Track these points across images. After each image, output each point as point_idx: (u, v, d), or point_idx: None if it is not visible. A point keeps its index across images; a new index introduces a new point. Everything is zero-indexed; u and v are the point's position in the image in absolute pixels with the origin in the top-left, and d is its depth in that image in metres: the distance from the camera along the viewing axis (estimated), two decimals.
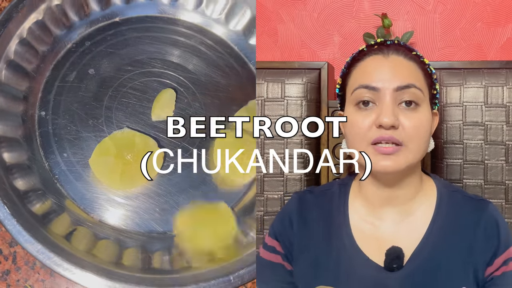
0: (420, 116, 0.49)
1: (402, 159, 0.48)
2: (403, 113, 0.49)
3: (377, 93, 0.49)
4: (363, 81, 0.50)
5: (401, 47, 0.52)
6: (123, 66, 0.76)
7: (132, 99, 0.74)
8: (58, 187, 0.68)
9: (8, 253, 0.67)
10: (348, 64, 0.54)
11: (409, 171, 0.51)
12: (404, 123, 0.48)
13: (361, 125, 0.49)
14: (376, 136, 0.48)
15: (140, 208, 0.68)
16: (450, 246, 0.51)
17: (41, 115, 0.72)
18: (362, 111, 0.50)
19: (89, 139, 0.71)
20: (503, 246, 0.50)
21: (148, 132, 0.72)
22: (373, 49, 0.52)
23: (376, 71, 0.50)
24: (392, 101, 0.49)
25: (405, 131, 0.48)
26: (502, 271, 0.50)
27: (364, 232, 0.52)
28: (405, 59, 0.51)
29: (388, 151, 0.48)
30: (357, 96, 0.50)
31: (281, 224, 0.55)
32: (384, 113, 0.48)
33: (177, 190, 0.70)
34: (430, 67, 0.53)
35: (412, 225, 0.52)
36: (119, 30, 0.78)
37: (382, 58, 0.51)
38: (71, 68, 0.75)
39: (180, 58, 0.77)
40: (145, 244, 0.66)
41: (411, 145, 0.49)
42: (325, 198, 0.55)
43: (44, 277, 0.66)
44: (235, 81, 0.77)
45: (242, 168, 0.70)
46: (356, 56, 0.53)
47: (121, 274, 0.59)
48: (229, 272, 0.59)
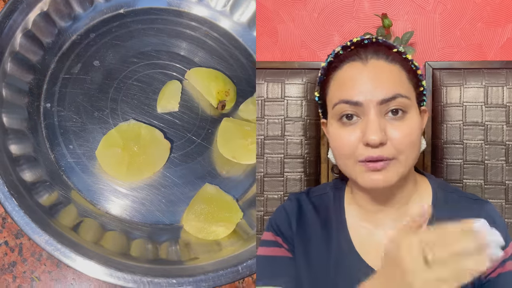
0: (408, 124, 0.46)
1: (393, 173, 0.45)
2: (390, 124, 0.46)
3: (360, 107, 0.46)
4: (343, 96, 0.47)
5: (380, 47, 0.48)
6: (128, 58, 0.75)
7: (137, 91, 0.74)
8: (64, 178, 0.68)
9: (14, 244, 0.67)
10: (324, 70, 0.50)
11: (401, 178, 0.48)
12: (392, 135, 0.45)
13: (347, 142, 0.46)
14: (363, 156, 0.45)
15: (146, 199, 0.69)
16: None
17: (46, 107, 0.72)
18: (346, 126, 0.47)
19: (95, 131, 0.71)
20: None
21: (153, 124, 0.72)
22: (349, 52, 0.48)
23: (356, 83, 0.46)
24: (377, 115, 0.45)
25: (394, 144, 0.45)
26: (498, 272, 0.48)
27: (362, 237, 0.51)
28: (386, 62, 0.47)
29: (377, 167, 0.45)
30: (339, 111, 0.47)
31: (281, 222, 0.53)
32: (370, 131, 0.45)
33: (183, 181, 0.70)
34: (414, 63, 0.49)
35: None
36: (124, 22, 0.78)
37: (361, 66, 0.47)
38: (76, 60, 0.75)
39: (186, 51, 0.77)
40: (152, 235, 0.66)
41: (402, 157, 0.46)
42: (322, 203, 0.53)
43: (51, 268, 0.66)
44: (241, 73, 0.77)
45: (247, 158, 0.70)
46: (333, 62, 0.49)
47: (129, 265, 0.59)
48: (238, 263, 0.59)
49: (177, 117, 0.73)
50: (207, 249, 0.64)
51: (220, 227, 0.65)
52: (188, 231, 0.66)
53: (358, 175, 0.46)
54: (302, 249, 0.52)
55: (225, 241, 0.65)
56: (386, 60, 0.47)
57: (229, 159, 0.71)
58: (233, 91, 0.75)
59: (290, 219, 0.53)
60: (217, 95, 0.73)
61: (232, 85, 0.75)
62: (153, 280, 0.58)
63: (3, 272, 0.66)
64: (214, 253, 0.63)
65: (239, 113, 0.74)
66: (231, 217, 0.66)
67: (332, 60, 0.49)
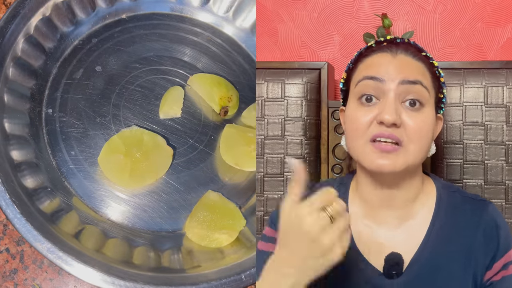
0: (423, 117, 0.47)
1: (401, 160, 0.46)
2: (406, 112, 0.47)
3: (381, 85, 0.47)
4: (368, 73, 0.49)
5: (411, 47, 0.50)
6: (130, 64, 0.75)
7: (139, 96, 0.73)
8: (66, 185, 0.68)
9: (15, 251, 0.66)
10: (354, 60, 0.52)
11: (408, 173, 0.49)
12: (407, 122, 0.47)
13: (362, 121, 0.47)
14: (375, 132, 0.46)
15: (148, 206, 0.68)
16: (449, 249, 0.49)
17: (48, 112, 0.71)
18: (364, 106, 0.48)
19: (97, 137, 0.70)
20: (503, 250, 0.49)
21: (155, 130, 0.71)
22: (381, 46, 0.51)
23: (383, 66, 0.48)
24: (395, 97, 0.47)
25: (406, 131, 0.46)
26: (502, 275, 0.48)
27: (364, 234, 0.51)
28: (414, 59, 0.49)
29: (386, 149, 0.46)
30: (361, 88, 0.48)
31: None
32: (386, 110, 0.46)
33: (185, 188, 0.69)
34: (439, 70, 0.51)
35: (411, 228, 0.50)
36: (126, 27, 0.78)
37: (390, 57, 0.49)
38: (78, 65, 0.74)
39: (188, 56, 0.77)
40: (155, 242, 0.66)
41: (412, 146, 0.47)
42: None
43: (52, 276, 0.65)
44: (243, 79, 0.77)
45: (250, 164, 0.70)
46: (364, 52, 0.51)
47: (131, 273, 0.59)
48: (241, 271, 0.59)
49: (180, 123, 0.73)
50: (209, 257, 0.63)
51: (223, 235, 0.65)
52: (190, 238, 0.66)
53: (367, 157, 0.47)
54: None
55: (228, 248, 0.64)
56: (414, 57, 0.49)
57: (232, 165, 0.70)
58: (236, 97, 0.75)
59: None
60: (220, 101, 0.73)
61: (234, 91, 0.75)
62: None
63: (4, 280, 0.65)
64: (217, 261, 0.62)
65: (241, 119, 0.74)
66: (234, 225, 0.66)
67: (363, 51, 0.51)
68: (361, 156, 0.47)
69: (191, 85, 0.74)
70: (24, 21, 0.69)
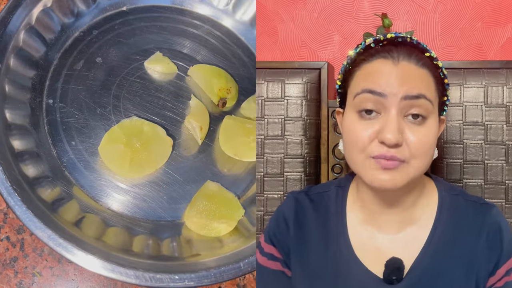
0: (426, 131, 0.45)
1: (403, 176, 0.44)
2: (408, 127, 0.45)
3: (382, 100, 0.44)
4: (368, 85, 0.45)
5: (414, 50, 0.47)
6: (130, 55, 0.76)
7: (139, 88, 0.74)
8: (66, 174, 0.68)
9: (16, 240, 0.67)
10: (351, 60, 0.49)
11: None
12: (409, 139, 0.44)
13: (362, 135, 0.45)
14: (376, 153, 0.44)
15: (148, 196, 0.69)
16: (451, 255, 0.48)
17: (49, 103, 0.72)
18: (363, 120, 0.45)
19: (97, 128, 0.71)
20: (506, 255, 0.48)
21: (155, 121, 0.72)
22: (381, 48, 0.47)
23: (384, 76, 0.45)
24: (398, 113, 0.44)
25: (409, 148, 0.44)
26: (505, 281, 0.47)
27: (363, 240, 0.49)
28: (417, 66, 0.46)
29: (388, 166, 0.44)
30: (360, 102, 0.45)
31: (277, 227, 0.52)
32: (388, 128, 0.44)
33: (185, 178, 0.70)
34: (443, 71, 0.48)
35: (413, 233, 0.49)
36: (127, 20, 0.78)
37: (391, 65, 0.46)
38: (79, 56, 0.75)
39: (188, 49, 0.78)
40: (154, 231, 0.66)
41: (414, 162, 0.45)
42: (322, 202, 0.52)
43: (52, 264, 0.66)
44: (243, 72, 0.78)
45: (248, 155, 0.71)
46: (362, 53, 0.48)
47: (130, 261, 0.59)
48: (239, 259, 0.59)
49: (179, 114, 0.73)
50: (208, 246, 0.64)
51: (221, 224, 0.65)
52: (190, 227, 0.66)
53: (367, 172, 0.45)
54: (298, 254, 0.51)
55: (227, 238, 0.65)
56: (417, 64, 0.46)
57: (231, 156, 0.71)
58: (235, 89, 0.75)
59: (287, 222, 0.52)
60: (219, 92, 0.74)
61: (234, 83, 0.76)
62: (155, 275, 0.58)
63: (5, 268, 0.66)
64: (216, 250, 0.63)
65: (241, 111, 0.75)
66: (233, 214, 0.67)
67: (362, 52, 0.48)
68: (362, 171, 0.46)
69: (191, 75, 0.75)
70: (26, 12, 0.69)
